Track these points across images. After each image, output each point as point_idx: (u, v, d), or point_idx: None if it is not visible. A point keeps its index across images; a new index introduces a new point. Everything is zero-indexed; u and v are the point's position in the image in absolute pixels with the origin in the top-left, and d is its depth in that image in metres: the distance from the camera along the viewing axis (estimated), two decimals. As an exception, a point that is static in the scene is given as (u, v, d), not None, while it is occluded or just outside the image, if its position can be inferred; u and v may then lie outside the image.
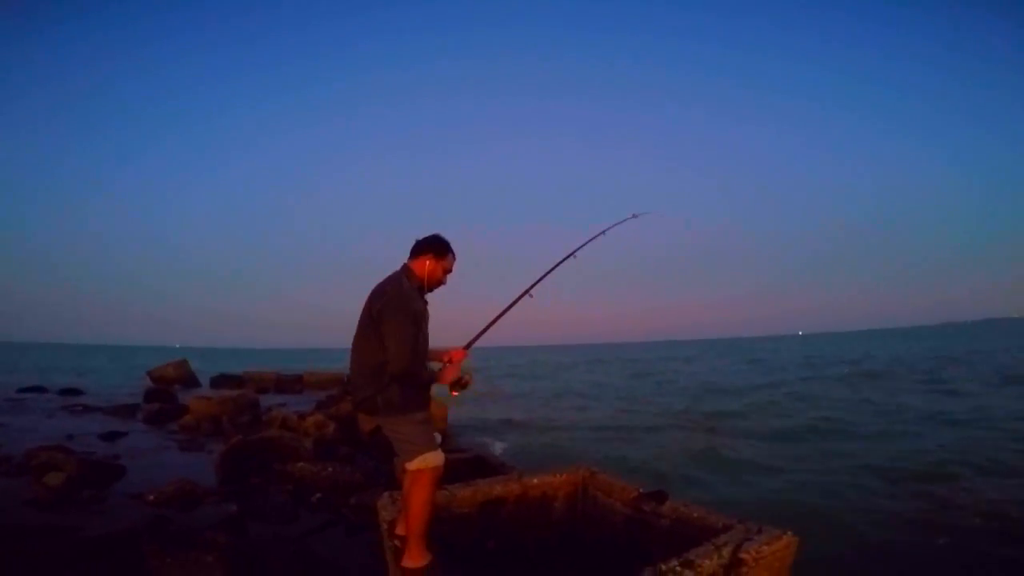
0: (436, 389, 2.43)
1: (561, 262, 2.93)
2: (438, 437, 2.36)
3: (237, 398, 9.75)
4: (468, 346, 2.53)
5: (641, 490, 2.61)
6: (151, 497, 4.24)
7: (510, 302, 2.70)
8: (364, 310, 2.32)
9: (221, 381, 18.60)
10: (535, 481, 2.86)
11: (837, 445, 8.71)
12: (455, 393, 2.38)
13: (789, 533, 2.00)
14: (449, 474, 2.42)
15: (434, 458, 2.21)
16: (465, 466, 4.44)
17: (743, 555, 1.86)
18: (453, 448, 6.29)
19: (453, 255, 2.49)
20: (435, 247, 2.43)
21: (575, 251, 2.99)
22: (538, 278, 2.83)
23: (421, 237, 2.46)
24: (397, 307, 2.20)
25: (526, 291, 2.74)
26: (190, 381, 18.87)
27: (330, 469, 4.91)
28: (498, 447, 9.05)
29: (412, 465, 2.20)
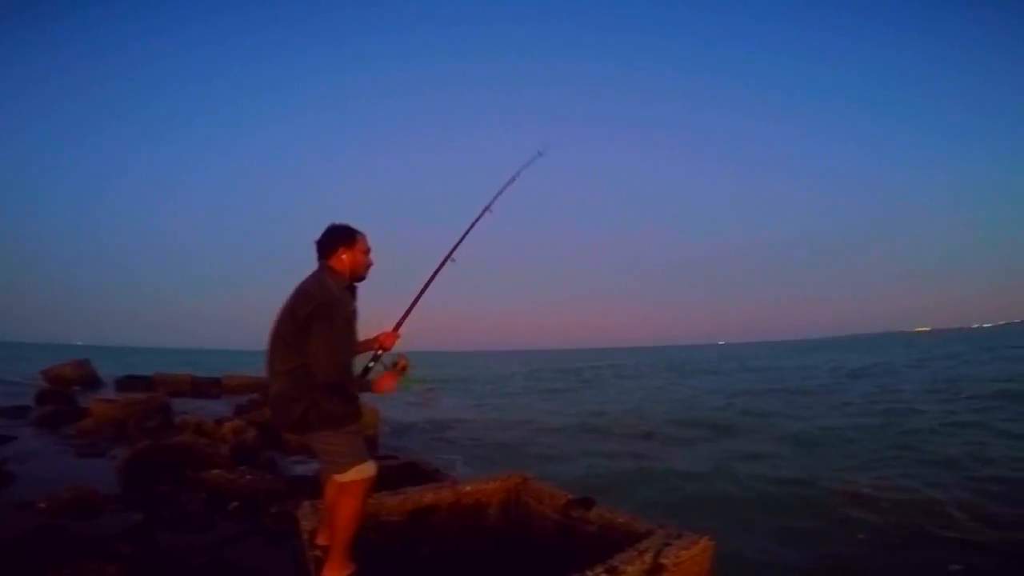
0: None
1: (478, 219, 2.77)
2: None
3: (146, 401, 9.07)
4: (397, 327, 2.41)
5: (571, 496, 2.66)
6: (43, 505, 3.83)
7: (434, 270, 2.57)
8: (284, 314, 2.13)
9: (128, 383, 17.23)
10: (468, 488, 2.85)
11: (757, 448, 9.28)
12: (398, 379, 2.26)
13: (706, 538, 2.08)
14: (379, 480, 2.37)
15: (367, 468, 2.13)
16: (396, 473, 4.36)
17: (663, 560, 1.92)
18: (385, 454, 6.15)
19: (362, 234, 2.32)
20: (342, 237, 2.26)
21: (489, 204, 2.83)
22: (457, 240, 2.67)
23: (319, 236, 2.27)
24: (329, 312, 2.04)
25: (447, 256, 2.61)
26: (92, 382, 17.38)
27: (248, 477, 4.67)
28: (432, 453, 8.95)
29: (346, 477, 2.08)
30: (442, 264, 2.60)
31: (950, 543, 4.69)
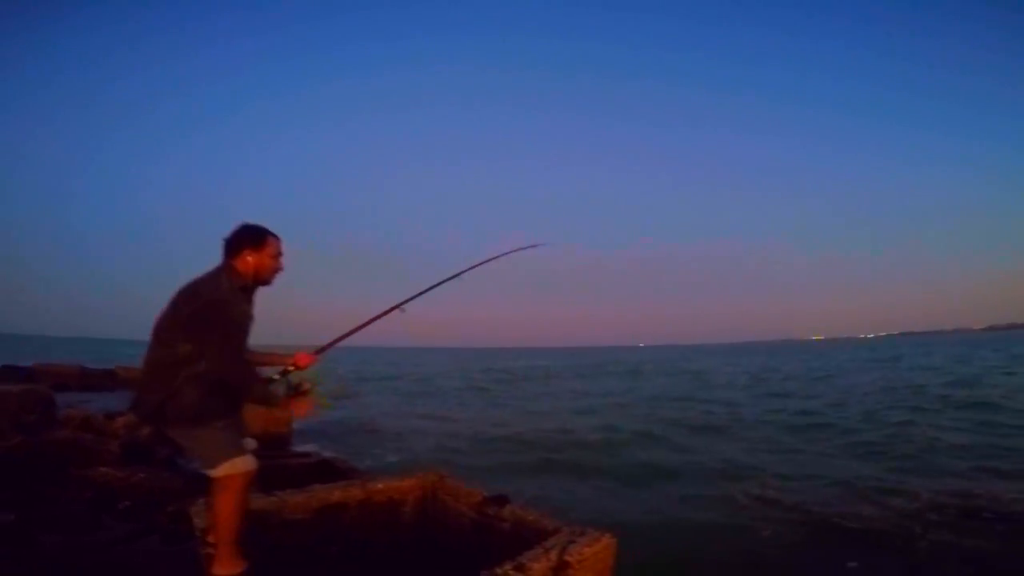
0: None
1: (444, 281, 2.82)
2: (250, 442, 2.17)
3: (22, 394, 8.17)
4: (320, 351, 2.34)
5: (485, 495, 2.69)
6: None
7: (380, 312, 2.56)
8: (168, 310, 2.02)
9: (3, 374, 15.50)
10: (380, 486, 2.82)
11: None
12: (313, 403, 2.20)
13: (607, 535, 2.15)
14: (289, 479, 2.30)
15: (243, 463, 2.04)
16: (308, 471, 4.23)
17: (568, 557, 1.98)
18: (296, 452, 5.94)
19: (275, 237, 2.20)
20: (250, 239, 2.14)
21: (462, 272, 2.89)
22: (416, 293, 2.70)
23: (228, 234, 2.15)
24: (217, 313, 1.95)
25: (398, 305, 2.61)
26: (-44, 372, 15.49)
27: (141, 475, 4.38)
28: (351, 452, 8.73)
29: (218, 472, 2.00)
30: (389, 310, 2.59)
31: (850, 540, 4.88)
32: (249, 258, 2.11)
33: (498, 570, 1.86)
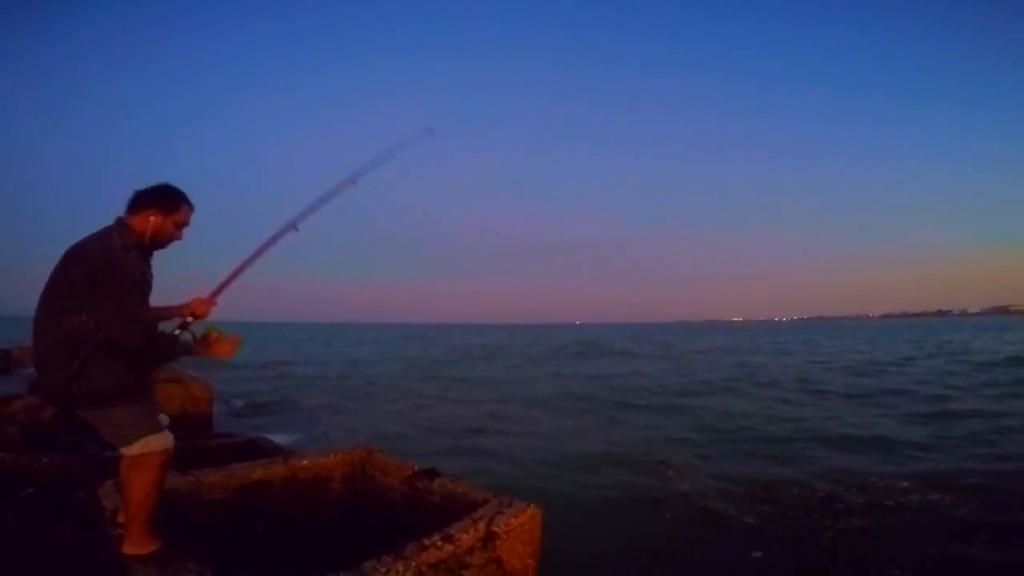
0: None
1: (339, 188, 2.53)
2: (164, 418, 2.06)
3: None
4: (215, 294, 2.21)
5: (416, 468, 2.72)
6: None
7: (273, 235, 2.33)
8: (56, 274, 1.87)
9: None
10: (305, 463, 2.79)
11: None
12: (214, 348, 2.07)
13: (533, 506, 2.21)
14: (212, 460, 2.22)
15: (159, 440, 1.95)
16: (233, 451, 4.10)
17: (495, 528, 2.03)
18: (219, 432, 5.72)
19: (190, 206, 2.09)
20: (164, 200, 2.03)
21: (355, 177, 2.60)
22: (308, 207, 2.43)
23: (143, 188, 2.03)
24: (109, 271, 1.82)
25: (291, 223, 2.39)
26: None
27: (45, 460, 4.08)
28: (279, 432, 8.47)
29: (133, 450, 1.90)
30: (283, 231, 2.37)
31: (747, 529, 4.90)
32: (152, 218, 1.99)
33: (426, 541, 1.90)
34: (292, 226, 2.40)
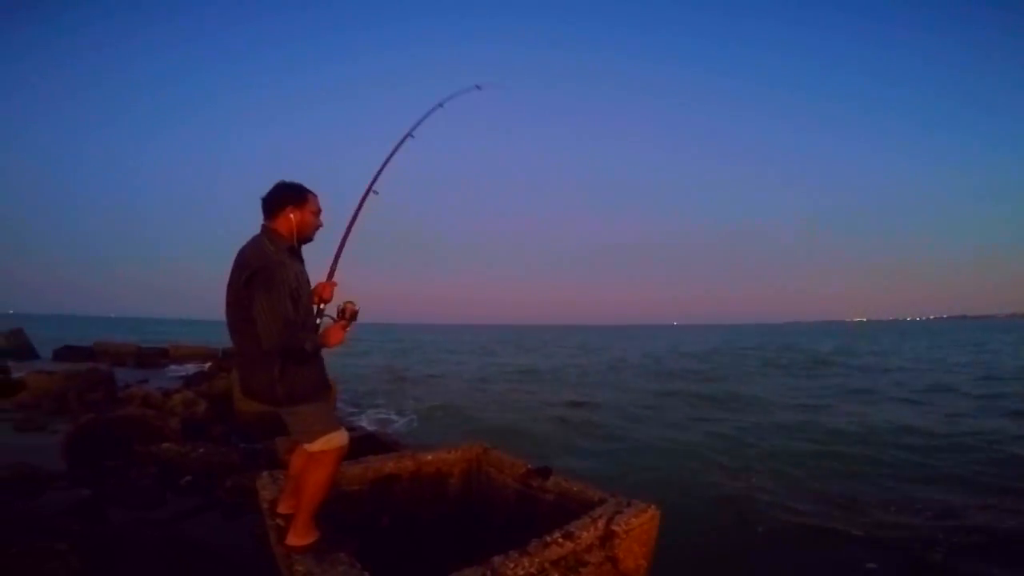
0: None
1: (399, 144, 2.60)
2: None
3: (87, 373, 8.71)
4: (331, 275, 2.31)
5: (529, 466, 2.74)
6: (-19, 483, 3.65)
7: (357, 206, 2.41)
8: (230, 284, 2.02)
9: (67, 353, 16.49)
10: (429, 458, 2.89)
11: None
12: (346, 329, 2.11)
13: (653, 507, 2.18)
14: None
15: (339, 438, 2.08)
16: (356, 444, 4.37)
17: (615, 527, 2.02)
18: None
19: (312, 194, 2.16)
20: (292, 196, 2.10)
21: (411, 130, 2.67)
22: (378, 169, 2.47)
23: (266, 194, 2.10)
24: (267, 279, 1.91)
25: (368, 187, 2.45)
26: (26, 353, 16.56)
27: (201, 450, 4.58)
28: (392, 425, 8.96)
29: (316, 446, 2.04)
30: (364, 197, 2.43)
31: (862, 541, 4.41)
32: (292, 215, 2.08)
33: (548, 537, 1.91)
34: (371, 190, 2.46)
